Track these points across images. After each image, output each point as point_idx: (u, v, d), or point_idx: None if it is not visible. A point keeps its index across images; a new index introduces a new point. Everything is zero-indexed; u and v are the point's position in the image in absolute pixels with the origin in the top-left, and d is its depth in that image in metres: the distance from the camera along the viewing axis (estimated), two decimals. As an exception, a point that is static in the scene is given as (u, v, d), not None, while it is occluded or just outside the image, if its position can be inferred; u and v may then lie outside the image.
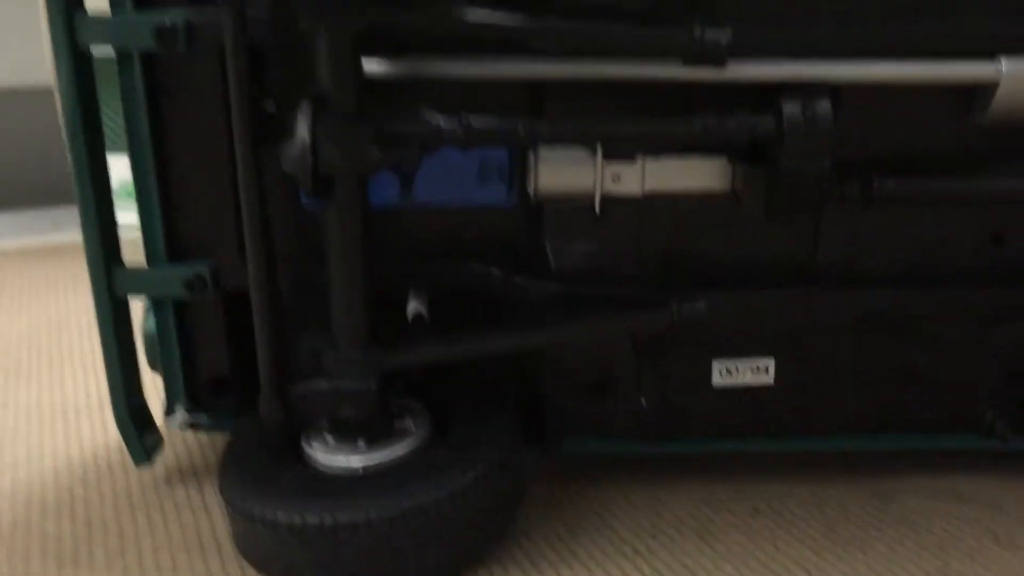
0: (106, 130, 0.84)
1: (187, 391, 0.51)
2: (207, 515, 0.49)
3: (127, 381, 0.50)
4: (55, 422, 0.59)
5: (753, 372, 0.49)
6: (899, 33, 0.43)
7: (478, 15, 0.42)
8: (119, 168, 0.81)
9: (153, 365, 0.52)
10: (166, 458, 0.53)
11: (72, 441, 0.56)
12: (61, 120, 0.46)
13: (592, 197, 0.46)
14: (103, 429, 0.58)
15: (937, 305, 0.48)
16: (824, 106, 0.42)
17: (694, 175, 0.46)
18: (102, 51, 0.63)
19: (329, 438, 0.46)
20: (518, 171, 0.47)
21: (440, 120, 0.42)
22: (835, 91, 0.43)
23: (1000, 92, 0.42)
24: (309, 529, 0.42)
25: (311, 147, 0.40)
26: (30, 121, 1.25)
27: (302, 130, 0.40)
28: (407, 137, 0.42)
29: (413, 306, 0.49)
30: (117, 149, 0.93)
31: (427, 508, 0.42)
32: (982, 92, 0.43)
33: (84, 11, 0.45)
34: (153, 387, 0.51)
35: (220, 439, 0.53)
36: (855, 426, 0.50)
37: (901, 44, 0.43)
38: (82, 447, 0.56)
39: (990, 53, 0.42)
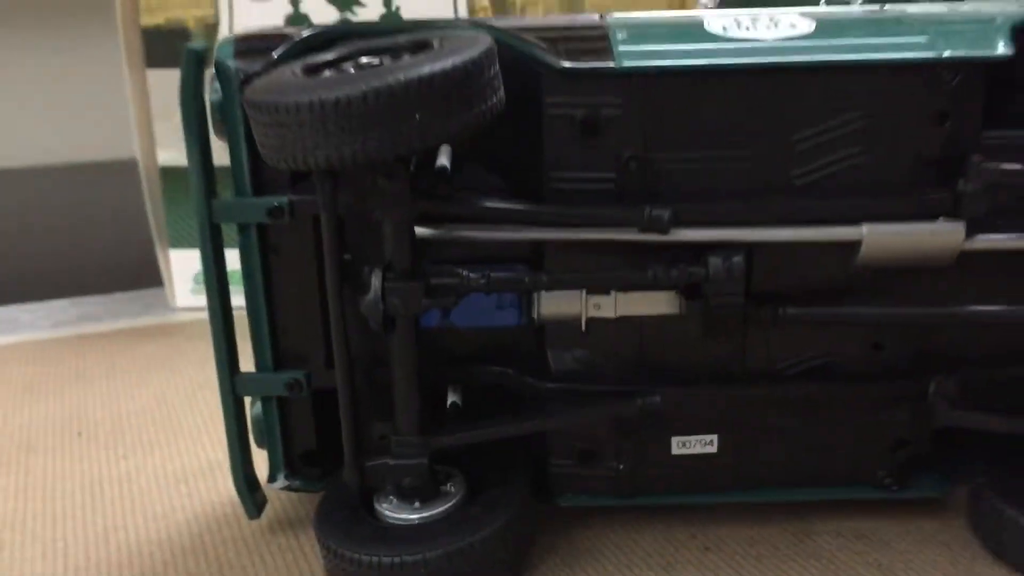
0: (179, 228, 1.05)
1: (285, 462, 0.68)
2: (304, 555, 0.65)
3: (242, 454, 0.67)
4: (179, 485, 0.76)
5: (701, 445, 0.66)
6: (795, 208, 0.60)
7: (495, 203, 0.60)
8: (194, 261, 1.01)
9: (260, 443, 0.69)
10: (270, 512, 0.70)
11: (195, 501, 0.73)
12: (199, 267, 0.64)
13: (580, 319, 0.64)
14: (217, 490, 0.74)
15: (837, 395, 0.65)
16: (739, 260, 0.59)
17: (652, 304, 0.63)
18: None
19: (393, 499, 0.62)
20: (526, 302, 0.65)
21: (470, 275, 0.60)
22: (750, 248, 0.60)
23: (864, 247, 0.59)
24: (383, 565, 0.58)
25: (381, 298, 0.58)
26: (114, 197, 1.38)
27: (375, 285, 0.58)
28: (447, 288, 0.59)
29: (451, 398, 0.67)
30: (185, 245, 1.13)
31: (466, 549, 0.59)
32: (854, 246, 0.60)
33: (218, 196, 0.63)
34: (259, 458, 0.69)
35: (310, 498, 0.71)
36: (781, 482, 0.66)
37: (796, 215, 0.60)
38: (203, 505, 0.73)
39: (856, 221, 0.60)
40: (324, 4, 1.05)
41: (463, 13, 1.06)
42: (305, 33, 0.61)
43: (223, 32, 1.06)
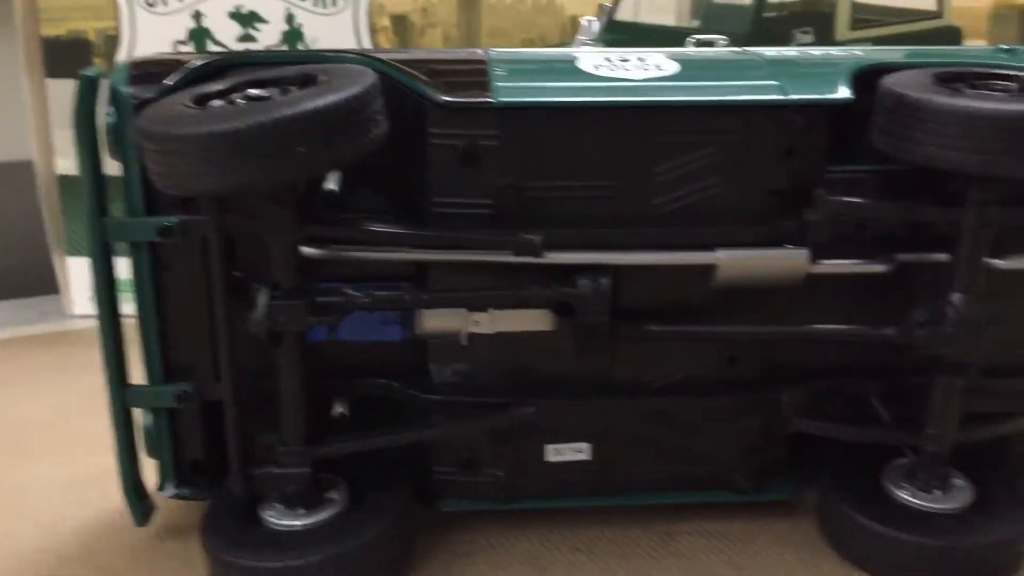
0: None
1: (175, 471, 0.70)
2: (192, 561, 0.67)
3: (131, 463, 0.69)
4: (71, 493, 0.77)
5: (574, 452, 0.70)
6: (656, 234, 0.64)
7: (379, 227, 0.63)
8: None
9: (150, 452, 0.71)
10: (160, 520, 0.71)
11: (86, 509, 0.74)
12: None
13: (460, 335, 0.68)
14: (108, 498, 0.75)
15: (697, 406, 0.70)
16: (606, 281, 0.64)
17: (527, 321, 0.66)
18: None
19: (278, 506, 0.65)
20: (409, 318, 0.68)
21: (354, 293, 0.63)
22: (616, 270, 0.65)
23: (719, 269, 0.65)
24: (267, 570, 0.62)
25: (267, 316, 0.61)
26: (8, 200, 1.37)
27: (261, 304, 0.61)
28: (332, 307, 0.63)
29: (338, 409, 0.70)
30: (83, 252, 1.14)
31: (348, 553, 0.63)
32: (710, 270, 0.65)
33: (110, 217, 0.65)
34: (151, 466, 0.71)
35: (199, 506, 0.73)
36: (647, 487, 0.71)
37: (658, 241, 0.65)
38: (94, 512, 0.74)
39: (712, 247, 0.65)
40: (226, 20, 1.07)
41: (364, 33, 1.09)
42: (197, 62, 0.64)
43: (124, 44, 1.07)
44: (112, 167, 0.65)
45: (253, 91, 0.59)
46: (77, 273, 1.15)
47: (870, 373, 0.70)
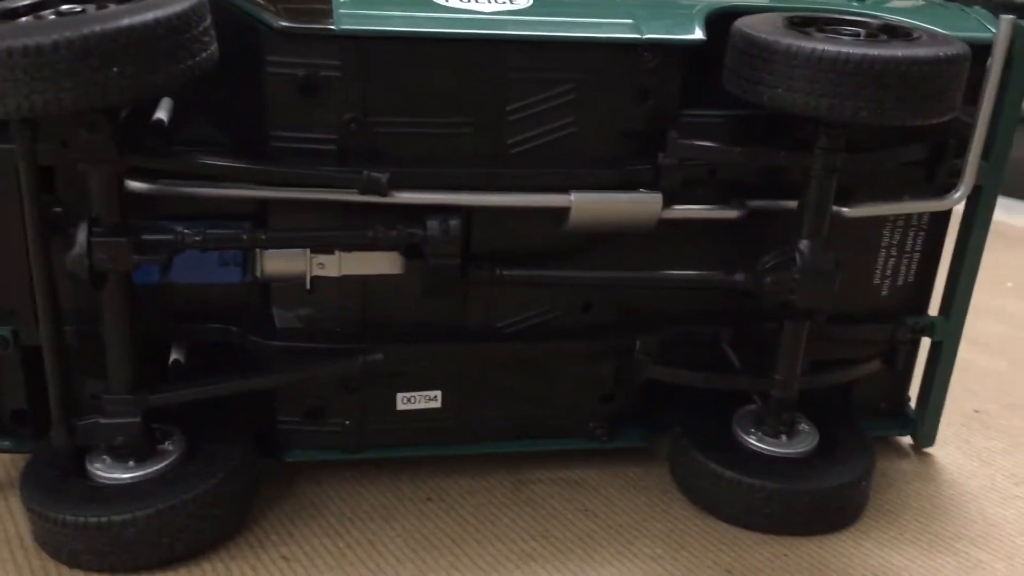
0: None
1: (-6, 422, 0.66)
2: (13, 519, 0.63)
3: (-55, 415, 0.64)
4: None
5: (426, 400, 0.68)
6: (512, 175, 0.62)
7: (212, 161, 0.59)
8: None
9: (-35, 402, 0.66)
10: (-24, 475, 0.68)
11: None
12: None
13: (304, 278, 0.64)
14: (-78, 452, 0.71)
15: (551, 352, 0.68)
16: (455, 223, 0.61)
17: (375, 264, 0.64)
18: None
19: (106, 458, 0.62)
20: (250, 259, 0.64)
21: (184, 231, 0.59)
22: (468, 211, 0.63)
23: (572, 213, 0.63)
24: (90, 525, 0.58)
25: (87, 254, 0.56)
26: None
27: (80, 240, 0.56)
28: (159, 245, 0.58)
29: (174, 356, 0.66)
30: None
31: (179, 507, 0.59)
32: (563, 212, 0.64)
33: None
34: (-35, 420, 0.66)
35: (20, 458, 0.68)
36: (501, 435, 0.70)
37: (511, 182, 0.63)
38: (-97, 467, 0.69)
39: (566, 190, 0.63)
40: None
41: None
42: (8, -27, 0.58)
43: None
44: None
45: (67, 7, 0.53)
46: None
47: (721, 320, 0.70)
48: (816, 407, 0.71)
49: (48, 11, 0.53)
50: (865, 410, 0.75)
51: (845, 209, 0.65)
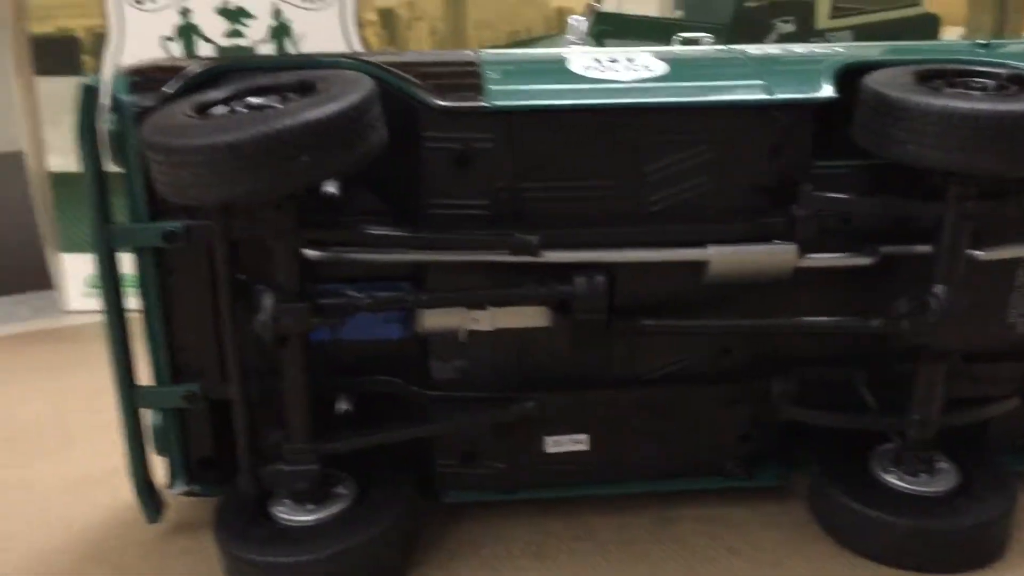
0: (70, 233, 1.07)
1: (184, 468, 0.72)
2: (204, 557, 0.69)
3: (141, 461, 0.71)
4: (79, 491, 0.78)
5: (573, 443, 0.72)
6: (649, 232, 0.66)
7: (377, 230, 0.65)
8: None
9: (159, 451, 0.73)
10: (170, 517, 0.73)
11: (95, 506, 0.76)
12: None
13: (459, 332, 0.69)
14: (116, 496, 0.77)
15: (691, 396, 0.72)
16: (601, 279, 0.65)
17: (525, 318, 0.68)
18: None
19: (288, 502, 0.67)
20: (409, 316, 0.70)
21: (356, 295, 0.65)
22: (611, 268, 0.67)
23: (710, 265, 0.66)
24: (279, 565, 0.64)
25: (272, 319, 0.62)
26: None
27: (267, 307, 0.62)
28: (334, 308, 0.64)
29: (342, 406, 0.72)
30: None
31: (357, 547, 0.65)
32: (702, 265, 0.67)
33: (113, 223, 0.66)
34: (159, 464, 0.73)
35: (208, 502, 0.74)
36: (645, 475, 0.73)
37: (651, 238, 0.66)
38: (105, 510, 0.76)
39: (703, 244, 0.67)
40: (213, 16, 1.08)
41: (351, 27, 1.10)
42: (195, 68, 0.65)
43: (112, 41, 1.07)
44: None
45: (253, 99, 0.60)
46: (71, 269, 1.16)
47: (856, 361, 0.72)
48: (954, 444, 0.72)
49: (236, 103, 0.60)
50: (1002, 446, 0.76)
51: (978, 252, 0.67)
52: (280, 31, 1.09)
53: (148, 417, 0.71)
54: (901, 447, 0.71)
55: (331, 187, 0.65)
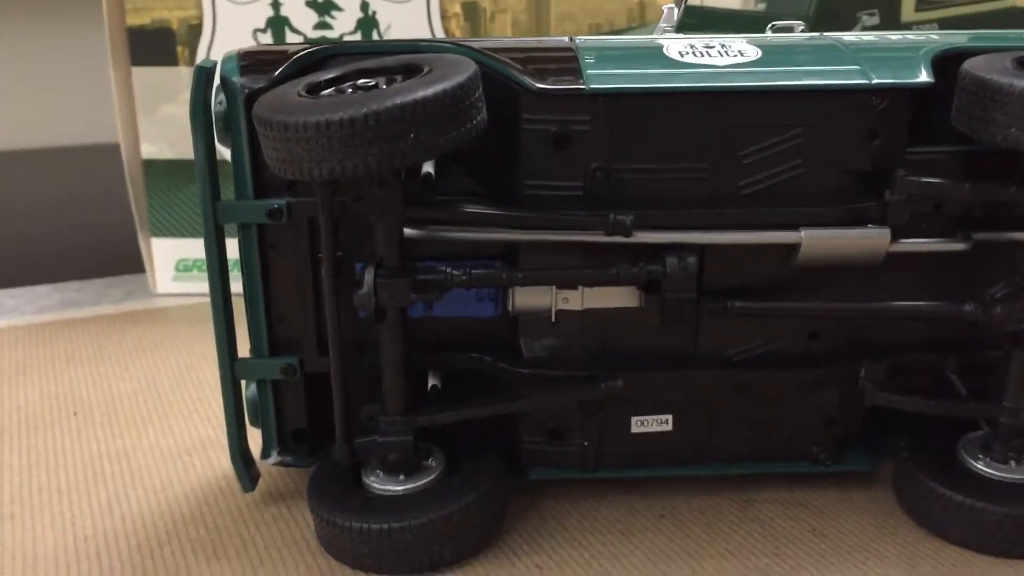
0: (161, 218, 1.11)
1: (278, 440, 0.75)
2: (297, 524, 0.71)
3: (239, 432, 0.74)
4: (176, 461, 0.81)
5: (658, 424, 0.73)
6: (742, 214, 0.67)
7: (475, 208, 0.66)
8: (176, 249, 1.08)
9: (254, 422, 0.75)
10: (263, 486, 0.76)
11: (192, 475, 0.79)
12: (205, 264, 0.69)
13: (550, 311, 0.71)
14: (212, 465, 0.80)
15: (778, 379, 0.72)
16: (693, 260, 0.66)
17: (615, 298, 0.69)
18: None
19: (380, 472, 0.69)
20: (501, 295, 0.71)
21: (452, 272, 0.66)
22: (702, 249, 0.68)
23: (803, 249, 0.67)
24: (372, 531, 0.65)
25: (374, 293, 0.64)
26: (94, 180, 1.39)
27: (368, 281, 0.64)
28: (432, 284, 0.66)
29: (432, 382, 0.74)
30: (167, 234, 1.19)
31: (446, 517, 0.66)
32: (793, 248, 0.68)
33: (220, 200, 0.69)
34: (253, 435, 0.75)
35: (299, 473, 0.77)
36: (727, 458, 0.74)
37: (743, 221, 0.67)
38: (199, 479, 0.79)
39: (795, 227, 0.67)
40: (303, 8, 1.11)
41: (436, 20, 1.12)
42: (301, 52, 0.67)
43: (206, 33, 1.11)
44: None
45: (362, 80, 0.62)
46: (161, 253, 1.20)
47: (947, 347, 0.72)
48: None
49: (345, 84, 0.62)
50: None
51: (1076, 239, 0.66)
52: (367, 23, 1.12)
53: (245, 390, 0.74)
54: (991, 434, 0.71)
55: (429, 167, 0.67)
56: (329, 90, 0.62)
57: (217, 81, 0.67)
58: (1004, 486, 0.69)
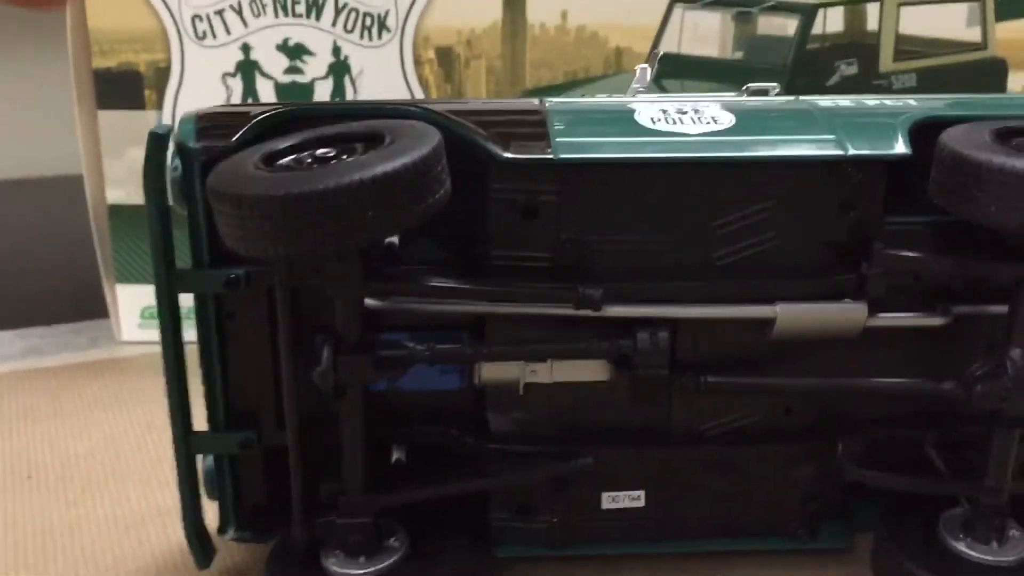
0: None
1: (236, 515, 0.72)
2: (253, 603, 0.70)
3: (194, 508, 0.71)
4: (130, 532, 0.78)
5: (630, 499, 0.70)
6: (715, 287, 0.65)
7: (439, 283, 0.64)
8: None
9: (211, 496, 0.72)
10: (220, 562, 0.73)
11: (146, 548, 0.76)
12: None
13: (518, 384, 0.68)
14: (167, 537, 0.77)
15: (752, 454, 0.70)
16: (664, 335, 0.64)
17: (585, 371, 0.67)
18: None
19: (340, 553, 0.66)
20: (467, 367, 0.69)
21: (416, 347, 0.64)
22: (674, 324, 0.66)
23: (778, 323, 0.65)
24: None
25: (332, 370, 0.62)
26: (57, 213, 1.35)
27: (327, 358, 0.62)
28: (395, 360, 0.64)
29: (396, 455, 0.71)
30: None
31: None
32: (768, 322, 0.66)
33: (175, 269, 0.66)
34: (210, 508, 0.72)
35: (256, 548, 0.74)
36: (702, 533, 0.71)
37: (717, 294, 0.65)
38: (153, 553, 0.75)
39: (771, 301, 0.65)
40: (274, 52, 1.08)
41: (409, 65, 1.10)
42: (261, 115, 0.64)
43: (174, 77, 1.09)
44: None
45: (320, 150, 0.59)
46: (127, 300, 1.17)
47: (925, 423, 0.70)
48: (1025, 512, 0.70)
49: (303, 154, 0.60)
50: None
51: (1057, 316, 0.64)
52: (339, 68, 1.10)
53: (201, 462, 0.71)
54: (972, 513, 0.69)
55: (392, 237, 0.65)
56: (288, 158, 0.59)
57: (172, 146, 0.65)
58: (985, 568, 0.67)
